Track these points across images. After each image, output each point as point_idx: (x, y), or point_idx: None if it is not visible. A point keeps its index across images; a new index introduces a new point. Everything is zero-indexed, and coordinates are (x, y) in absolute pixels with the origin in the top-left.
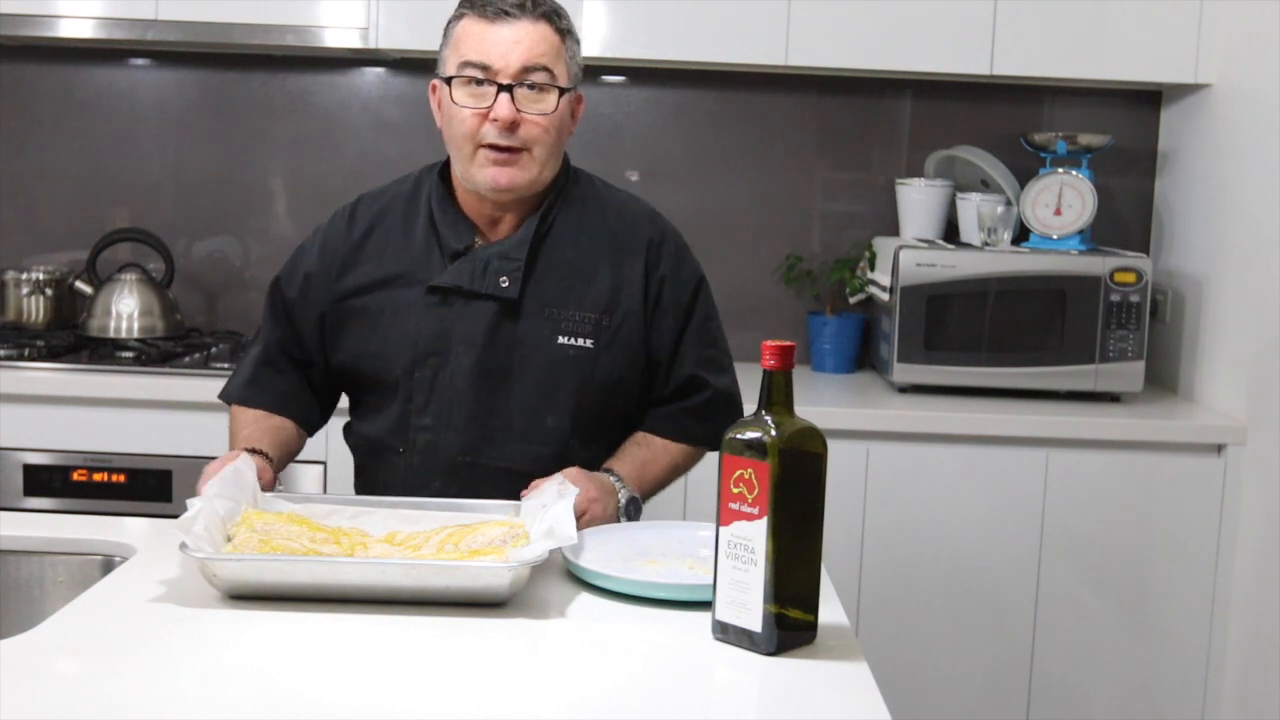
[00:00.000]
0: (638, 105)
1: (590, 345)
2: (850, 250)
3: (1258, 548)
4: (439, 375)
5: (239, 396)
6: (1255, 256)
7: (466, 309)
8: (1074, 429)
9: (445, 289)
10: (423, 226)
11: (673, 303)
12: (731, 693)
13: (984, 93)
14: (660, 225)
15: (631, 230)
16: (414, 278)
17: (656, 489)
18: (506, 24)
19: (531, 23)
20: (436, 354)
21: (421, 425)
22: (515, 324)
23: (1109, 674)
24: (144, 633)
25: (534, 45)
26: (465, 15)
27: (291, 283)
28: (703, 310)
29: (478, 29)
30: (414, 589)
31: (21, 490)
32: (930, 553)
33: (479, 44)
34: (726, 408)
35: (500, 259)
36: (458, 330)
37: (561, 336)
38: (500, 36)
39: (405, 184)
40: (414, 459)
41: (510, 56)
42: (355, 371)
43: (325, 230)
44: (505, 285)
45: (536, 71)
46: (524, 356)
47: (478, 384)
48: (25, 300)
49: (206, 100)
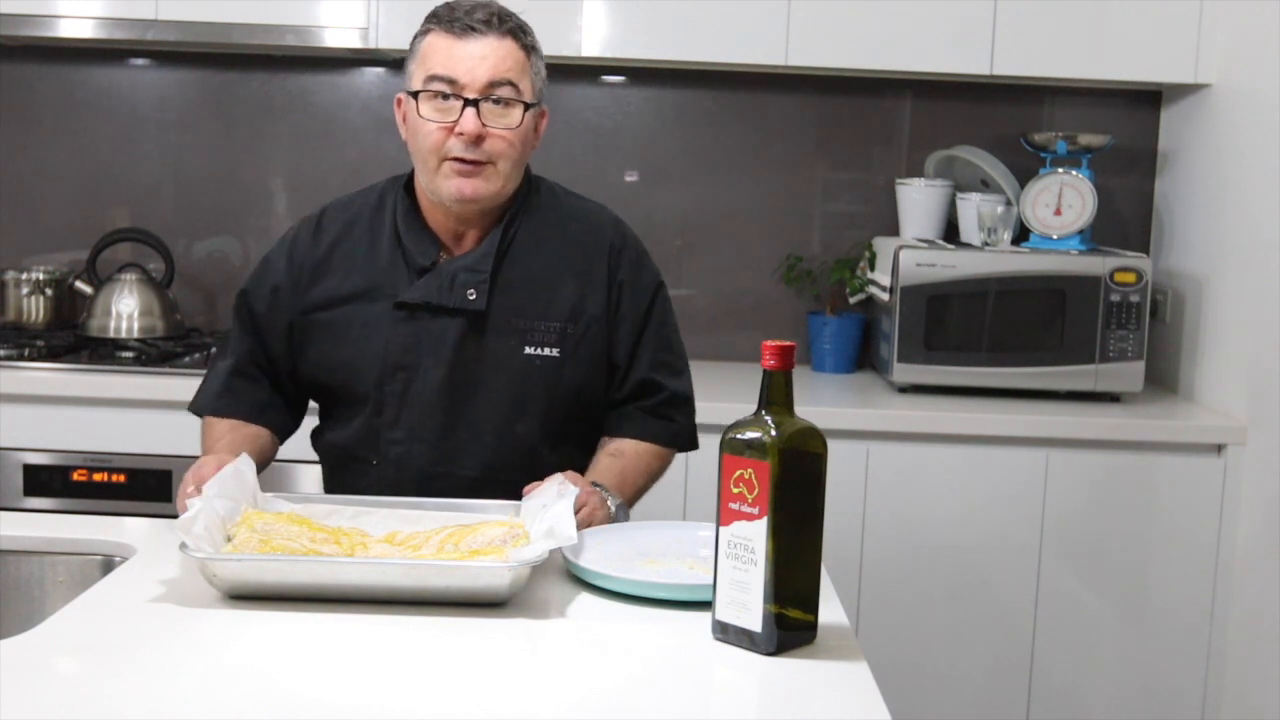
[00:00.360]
0: (638, 105)
1: (556, 354)
2: (850, 250)
3: (1258, 548)
4: (409, 389)
5: (212, 407)
6: (1255, 256)
7: (434, 323)
8: (1074, 429)
9: (413, 304)
10: (388, 241)
11: (631, 308)
12: (731, 693)
13: (984, 93)
14: (621, 231)
15: (593, 238)
16: (380, 292)
17: (638, 496)
18: (473, 40)
19: (498, 39)
20: (405, 368)
21: (393, 438)
22: (483, 336)
23: (1109, 674)
24: (144, 633)
25: (500, 61)
26: (432, 30)
27: (259, 296)
28: (659, 316)
29: (444, 44)
30: (414, 589)
31: (21, 490)
32: (930, 553)
33: (446, 58)
34: (683, 407)
35: (466, 272)
36: (426, 344)
37: (528, 347)
38: (467, 52)
39: (371, 196)
40: (387, 470)
41: (477, 71)
42: (323, 383)
43: (292, 241)
44: (473, 298)
45: (502, 86)
46: (492, 368)
47: (447, 396)
48: (25, 300)
49: (206, 100)
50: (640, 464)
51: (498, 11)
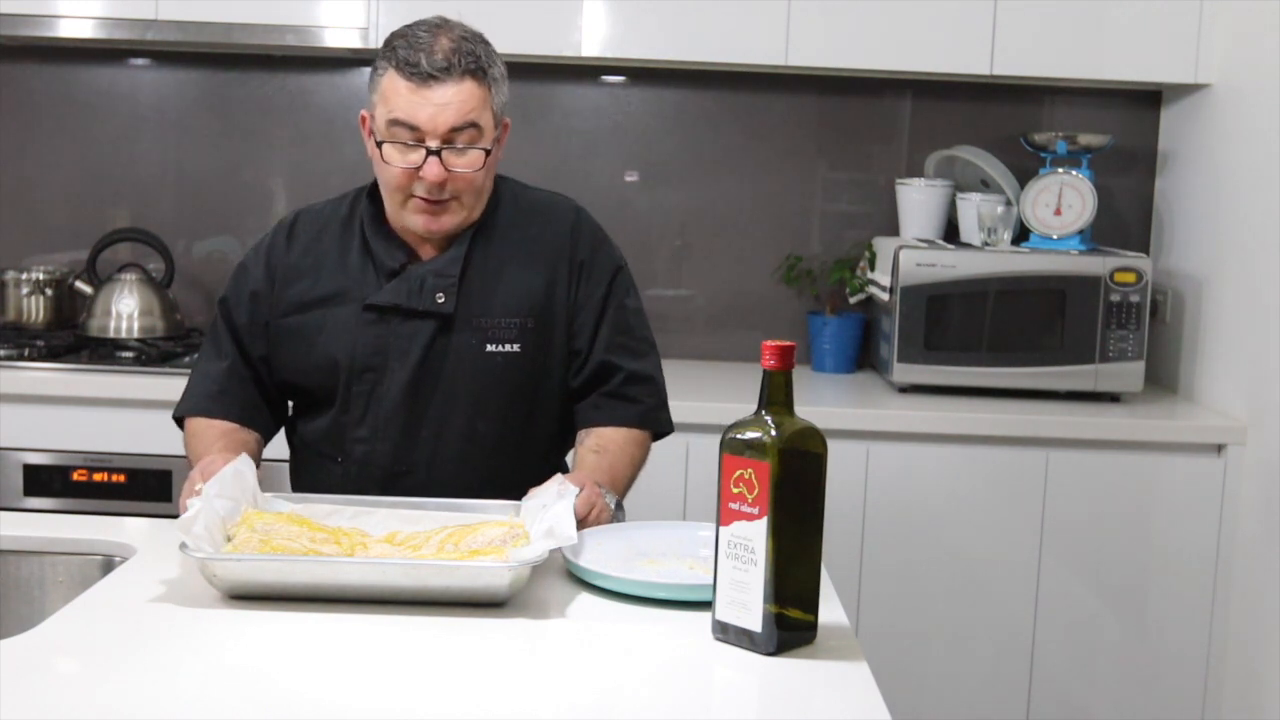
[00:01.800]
0: (638, 105)
1: (517, 349)
2: (850, 250)
3: (1258, 548)
4: (376, 389)
5: (205, 409)
6: (1255, 256)
7: (403, 326)
8: (1074, 429)
9: (382, 307)
10: (357, 247)
11: (589, 293)
12: (731, 693)
13: (984, 93)
14: (579, 218)
15: (553, 228)
16: (350, 295)
17: (627, 488)
18: (434, 87)
19: (457, 82)
20: (373, 369)
21: (358, 437)
22: (448, 338)
23: (1109, 674)
24: (144, 633)
25: (461, 105)
26: (390, 70)
27: (239, 305)
28: (617, 298)
29: (405, 89)
30: (414, 589)
31: (21, 490)
32: (930, 553)
33: (407, 105)
34: (644, 385)
35: (435, 276)
36: (394, 347)
37: (490, 344)
38: (429, 99)
39: (341, 206)
40: (351, 468)
41: (438, 120)
42: (296, 384)
43: (268, 247)
44: (441, 301)
45: (465, 131)
46: (455, 367)
47: (412, 397)
48: (25, 300)
49: (206, 100)
50: (625, 456)
51: (458, 47)
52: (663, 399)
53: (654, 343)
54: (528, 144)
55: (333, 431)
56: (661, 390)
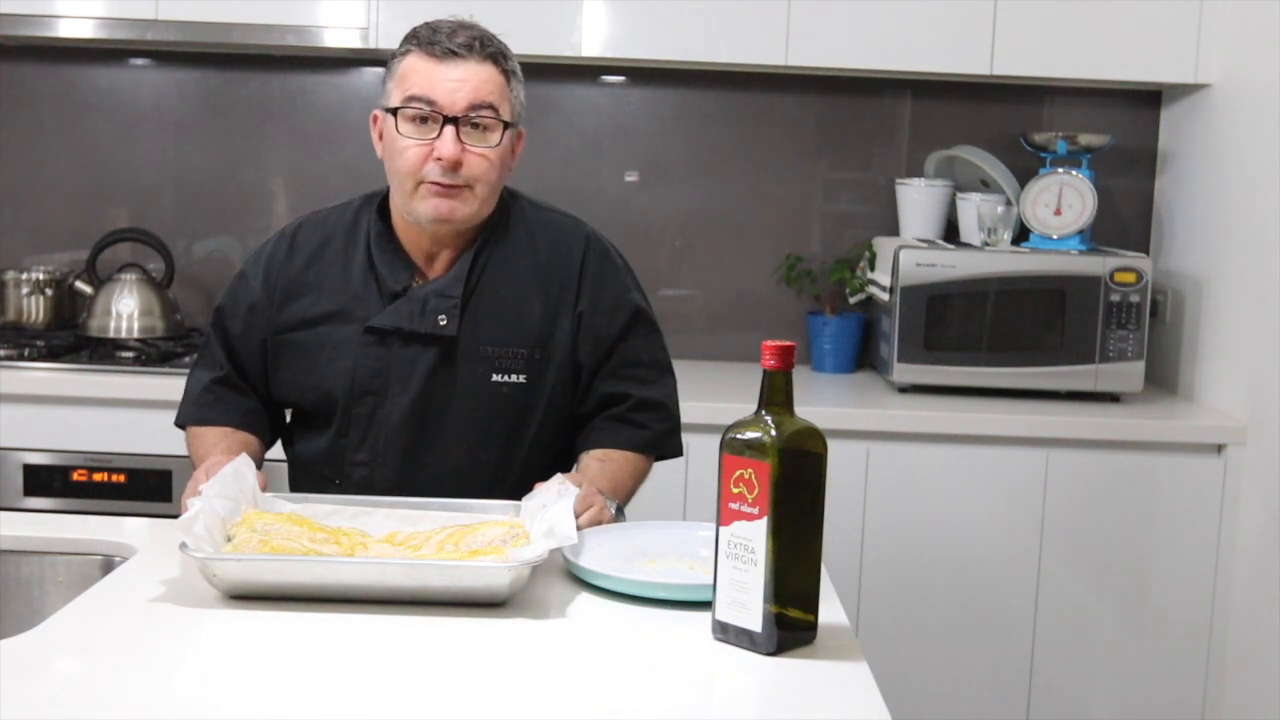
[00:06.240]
0: (638, 105)
1: (524, 380)
2: (850, 250)
3: (1258, 548)
4: (376, 413)
5: (202, 416)
6: (1255, 256)
7: (405, 350)
8: (1074, 429)
9: (383, 329)
10: (361, 263)
11: (600, 327)
12: (731, 693)
13: (984, 93)
14: (593, 247)
15: (564, 255)
16: (352, 315)
17: (629, 497)
18: (454, 64)
19: (478, 63)
20: (373, 393)
21: (356, 460)
22: (452, 364)
23: (1109, 674)
24: (144, 633)
25: (480, 85)
26: (411, 51)
27: (235, 316)
28: (632, 341)
29: (425, 66)
30: (414, 589)
31: (21, 490)
32: (930, 553)
33: (426, 80)
34: (654, 411)
35: (437, 298)
36: (395, 370)
37: (496, 374)
38: (447, 75)
39: (346, 214)
40: (348, 490)
41: (457, 95)
42: (292, 402)
43: (268, 258)
44: (444, 324)
45: (482, 110)
46: (460, 397)
47: (412, 423)
48: (25, 300)
49: (206, 100)
50: (628, 466)
51: (479, 35)
52: (674, 424)
53: (668, 366)
54: (528, 144)
55: (331, 453)
56: (673, 415)
